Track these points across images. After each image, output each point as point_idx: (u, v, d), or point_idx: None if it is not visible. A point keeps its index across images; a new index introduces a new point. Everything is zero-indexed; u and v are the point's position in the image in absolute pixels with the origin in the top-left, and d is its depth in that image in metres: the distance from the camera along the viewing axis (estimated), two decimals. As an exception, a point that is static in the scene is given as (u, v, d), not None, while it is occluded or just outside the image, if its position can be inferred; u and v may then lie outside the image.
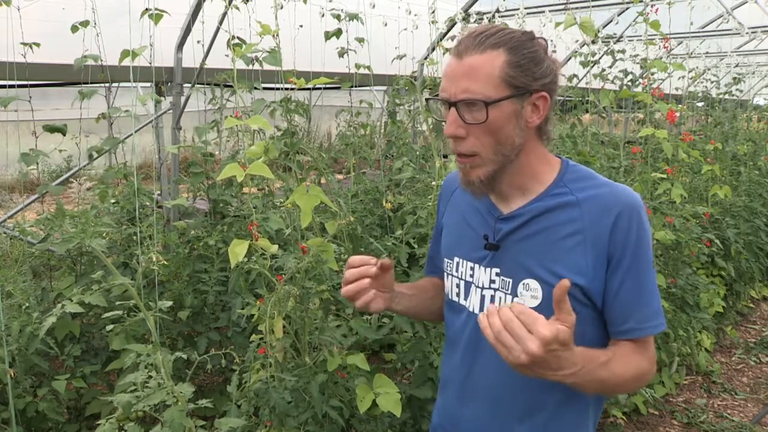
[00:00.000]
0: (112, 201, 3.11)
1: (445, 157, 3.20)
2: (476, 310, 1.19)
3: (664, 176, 3.17)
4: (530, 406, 1.15)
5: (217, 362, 1.97)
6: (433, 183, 2.29)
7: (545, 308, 1.08)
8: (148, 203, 3.03)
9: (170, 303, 1.63)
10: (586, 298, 1.09)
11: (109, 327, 1.75)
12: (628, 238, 1.07)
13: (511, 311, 0.91)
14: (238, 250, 1.52)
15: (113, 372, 2.73)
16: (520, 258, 1.13)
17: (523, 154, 1.12)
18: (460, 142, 1.10)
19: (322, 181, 2.30)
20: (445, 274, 1.29)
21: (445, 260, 1.29)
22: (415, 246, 2.58)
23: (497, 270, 1.16)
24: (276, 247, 1.70)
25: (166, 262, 2.65)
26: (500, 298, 1.16)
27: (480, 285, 1.19)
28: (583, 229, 1.09)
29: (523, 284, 1.12)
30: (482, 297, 1.19)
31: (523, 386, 1.14)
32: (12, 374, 2.03)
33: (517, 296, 1.13)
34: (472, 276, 1.21)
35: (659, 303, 1.12)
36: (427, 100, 1.51)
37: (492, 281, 1.17)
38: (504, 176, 1.13)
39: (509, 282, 1.14)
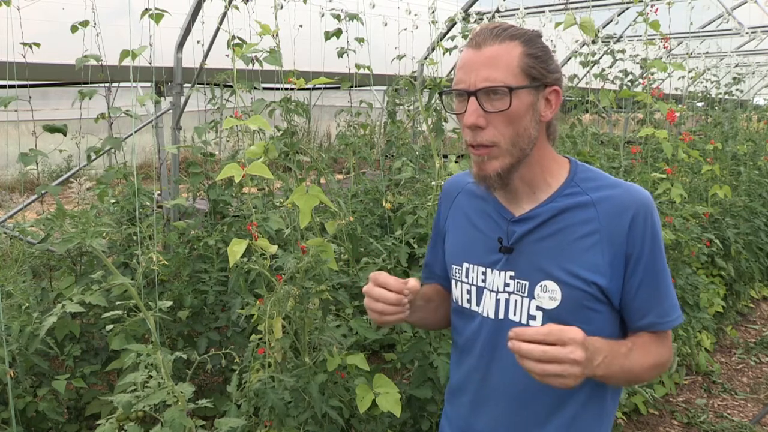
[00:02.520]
0: (112, 201, 3.11)
1: (445, 157, 3.20)
2: (491, 315, 1.18)
3: (664, 176, 3.17)
4: (552, 409, 1.14)
5: (217, 362, 1.98)
6: (433, 183, 2.29)
7: (564, 309, 1.09)
8: (148, 203, 3.03)
9: (170, 303, 1.63)
10: (604, 296, 1.09)
11: (109, 327, 1.75)
12: (645, 236, 1.08)
13: (535, 341, 0.92)
14: (236, 249, 1.52)
15: (113, 372, 2.73)
16: (536, 260, 1.12)
17: (535, 150, 1.13)
18: (479, 132, 1.09)
19: (322, 181, 2.30)
20: (453, 280, 1.27)
21: (453, 266, 1.27)
22: (415, 246, 2.58)
23: (512, 273, 1.15)
24: (275, 247, 1.70)
25: (166, 262, 2.64)
26: (516, 301, 1.15)
27: (494, 289, 1.17)
28: (599, 229, 1.09)
29: (541, 286, 1.11)
30: (497, 301, 1.17)
31: (545, 389, 1.11)
32: (12, 374, 2.03)
33: (534, 298, 1.12)
34: (484, 281, 1.19)
35: (675, 296, 1.14)
36: (440, 93, 1.48)
37: (507, 285, 1.16)
38: (517, 172, 1.12)
39: (525, 285, 1.13)
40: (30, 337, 2.22)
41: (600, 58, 4.95)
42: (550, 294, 1.10)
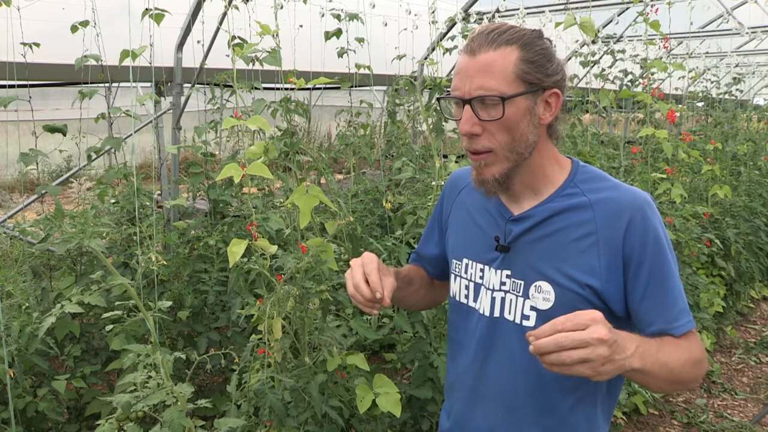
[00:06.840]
0: (112, 201, 3.11)
1: (445, 157, 3.20)
2: (486, 313, 1.18)
3: (664, 176, 3.17)
4: (543, 409, 1.14)
5: (217, 362, 1.98)
6: (433, 183, 2.29)
7: (557, 310, 1.08)
8: (148, 203, 3.03)
9: (170, 303, 1.63)
10: (599, 300, 1.08)
11: (109, 327, 1.75)
12: (646, 239, 1.06)
13: (555, 330, 0.89)
14: (236, 250, 1.52)
15: (113, 372, 2.73)
16: (532, 260, 1.12)
17: (536, 153, 1.12)
18: (475, 139, 1.09)
19: (322, 181, 2.30)
20: (453, 275, 1.28)
21: (454, 261, 1.28)
22: (415, 246, 2.57)
23: (508, 272, 1.15)
24: (275, 247, 1.70)
25: (166, 262, 2.65)
26: (511, 300, 1.15)
27: (490, 287, 1.18)
28: (595, 231, 1.08)
29: (535, 286, 1.11)
30: (492, 299, 1.17)
31: (536, 388, 1.13)
32: (12, 374, 2.03)
33: (528, 298, 1.12)
34: (481, 278, 1.20)
35: (685, 301, 1.10)
36: (438, 99, 1.47)
37: (503, 283, 1.16)
38: (517, 175, 1.12)
39: (521, 284, 1.13)
40: (30, 337, 2.22)
41: (600, 58, 4.95)
42: (544, 295, 1.10)
